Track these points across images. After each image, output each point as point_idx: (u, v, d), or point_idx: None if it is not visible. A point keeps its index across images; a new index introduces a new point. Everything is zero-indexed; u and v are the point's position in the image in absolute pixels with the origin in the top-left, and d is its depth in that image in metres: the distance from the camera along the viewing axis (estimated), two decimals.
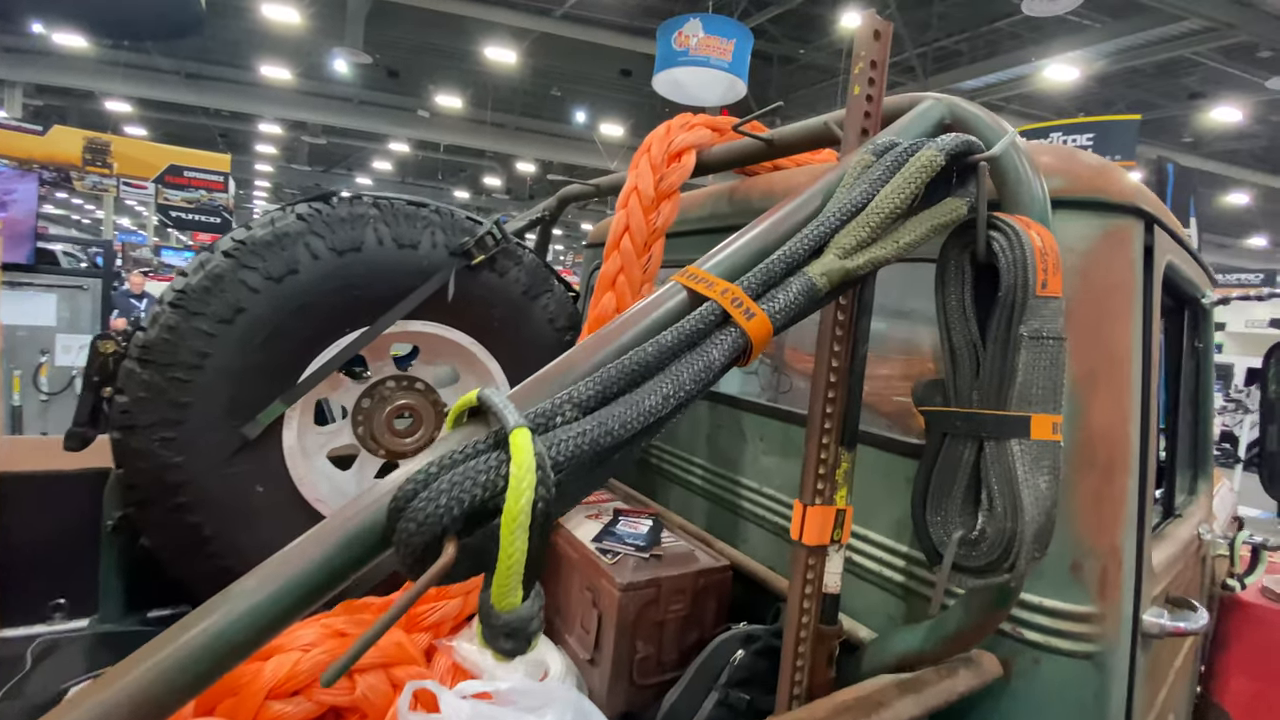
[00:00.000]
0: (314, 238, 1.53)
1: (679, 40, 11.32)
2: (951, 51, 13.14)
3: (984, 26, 12.24)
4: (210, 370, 1.44)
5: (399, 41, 15.12)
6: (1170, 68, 12.50)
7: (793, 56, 14.67)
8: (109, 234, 16.02)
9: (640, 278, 1.55)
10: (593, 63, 15.61)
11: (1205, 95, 13.39)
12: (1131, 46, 10.78)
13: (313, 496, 1.63)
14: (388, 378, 1.85)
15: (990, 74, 12.30)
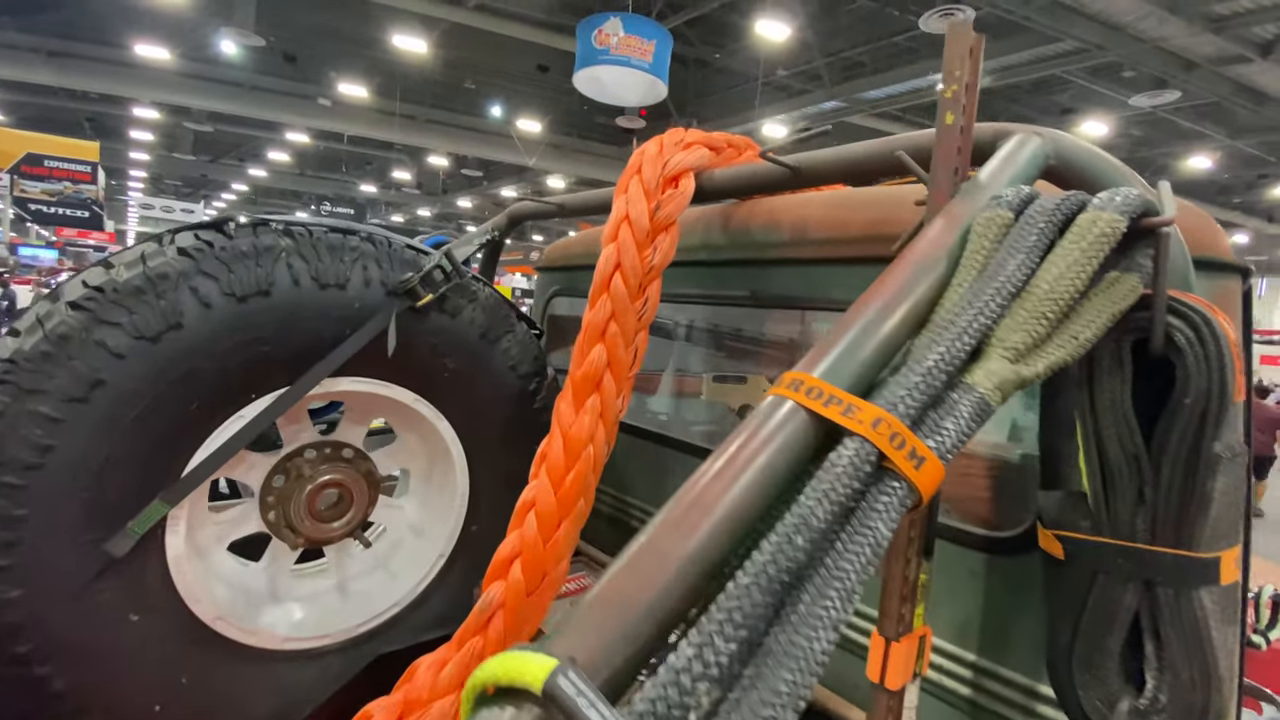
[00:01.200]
0: (204, 279, 1.16)
1: (599, 38, 11.13)
2: (855, 62, 13.68)
3: (884, 40, 12.83)
4: (56, 468, 1.04)
5: (296, 23, 13.91)
6: (1044, 85, 13.62)
7: (707, 60, 14.80)
8: None
9: (635, 326, 1.28)
10: (508, 56, 15.06)
11: (1075, 111, 14.69)
12: (1014, 65, 11.62)
13: (211, 616, 1.25)
14: (305, 446, 1.48)
15: (890, 85, 12.91)
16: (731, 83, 15.66)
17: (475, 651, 1.17)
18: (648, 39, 11.32)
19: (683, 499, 0.51)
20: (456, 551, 1.60)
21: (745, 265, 1.42)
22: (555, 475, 1.23)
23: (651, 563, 0.47)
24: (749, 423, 0.56)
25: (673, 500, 0.52)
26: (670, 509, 0.51)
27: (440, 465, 1.64)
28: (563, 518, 1.23)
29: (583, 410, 1.25)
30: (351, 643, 1.44)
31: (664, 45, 11.40)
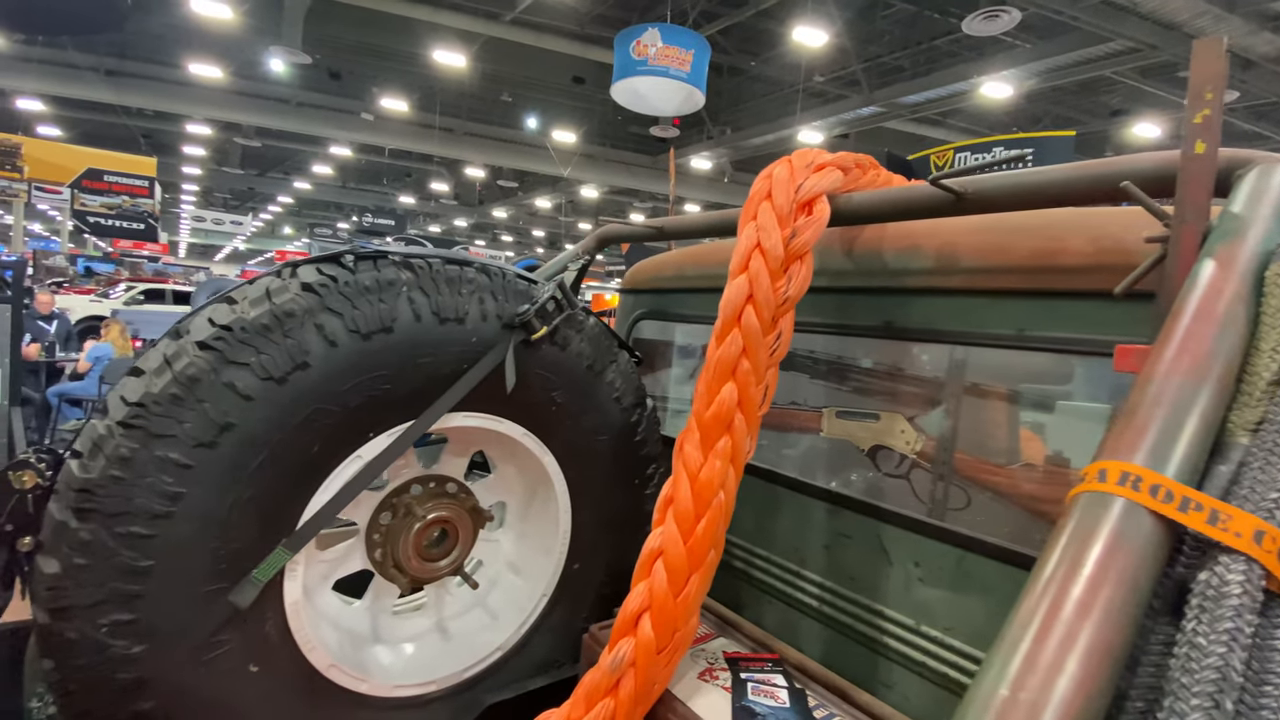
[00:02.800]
0: (329, 316, 1.11)
1: (637, 49, 11.15)
2: (894, 67, 13.42)
3: (924, 43, 12.55)
4: (184, 516, 1.00)
5: (340, 41, 14.30)
6: (1092, 86, 13.14)
7: (742, 68, 14.71)
8: (18, 244, 14.50)
9: (766, 362, 1.20)
10: (544, 69, 15.23)
11: (1126, 112, 14.15)
12: (1060, 66, 11.24)
13: (325, 664, 1.20)
14: (412, 481, 1.43)
15: (930, 89, 12.61)
16: (766, 90, 15.55)
17: (607, 713, 1.09)
18: (686, 48, 11.31)
19: (1024, 626, 0.42)
20: (559, 591, 1.53)
21: (877, 294, 1.32)
22: (684, 524, 1.15)
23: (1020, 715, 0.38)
24: (1074, 528, 0.46)
25: (1011, 628, 0.42)
26: (1012, 640, 0.42)
27: (539, 500, 1.58)
28: (693, 570, 1.14)
29: (713, 454, 1.16)
30: (456, 689, 1.38)
31: (702, 54, 11.36)
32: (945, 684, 1.20)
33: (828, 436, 1.52)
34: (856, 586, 1.37)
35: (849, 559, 1.38)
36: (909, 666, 1.27)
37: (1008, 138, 13.02)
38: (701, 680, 1.22)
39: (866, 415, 1.42)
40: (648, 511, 1.64)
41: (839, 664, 1.36)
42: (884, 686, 1.30)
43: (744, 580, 1.63)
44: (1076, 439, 1.19)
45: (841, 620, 1.39)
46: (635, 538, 1.63)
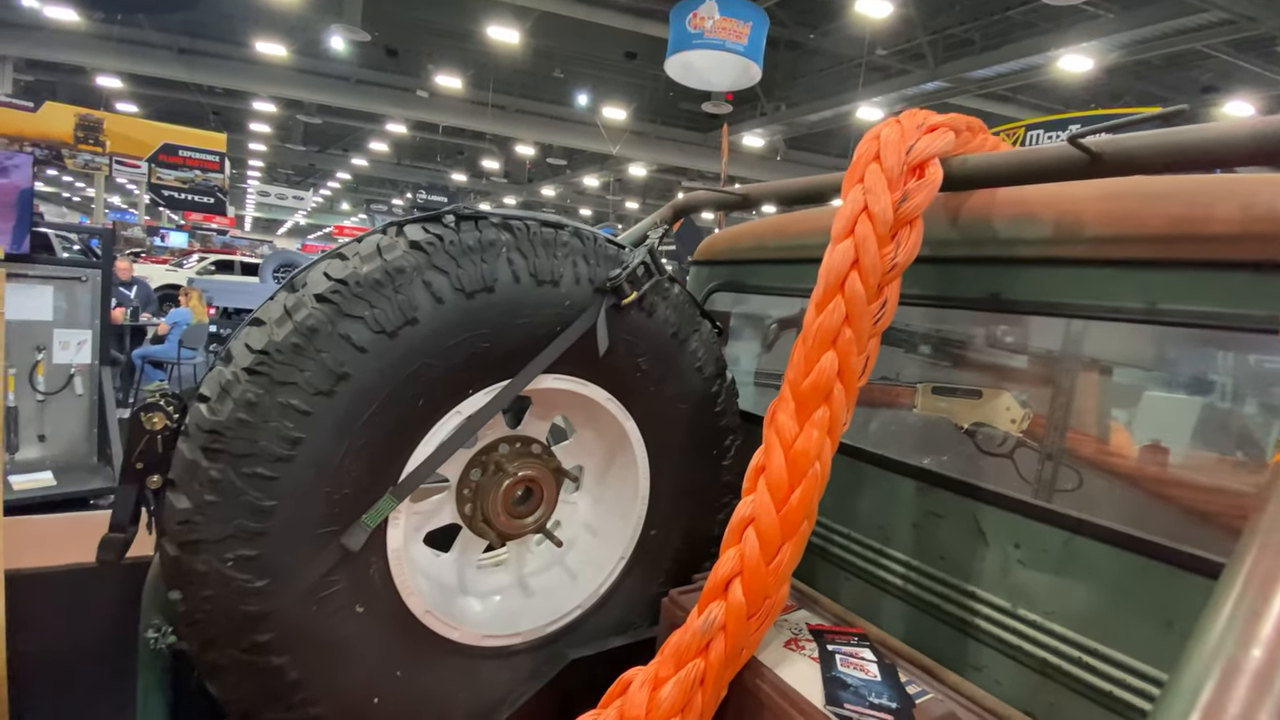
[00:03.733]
0: (436, 274, 1.13)
1: (694, 22, 10.90)
2: (963, 40, 12.71)
3: (997, 14, 11.82)
4: (303, 461, 1.05)
5: (398, 19, 14.49)
6: (1180, 60, 12.13)
7: (800, 42, 14.21)
8: (100, 214, 15.39)
9: (869, 331, 1.16)
10: (597, 44, 15.09)
11: (1217, 89, 13.04)
12: (1146, 38, 10.41)
13: (421, 610, 1.25)
14: (499, 441, 1.45)
15: (1002, 63, 11.88)
16: (824, 64, 15.01)
17: (697, 675, 1.10)
18: (744, 20, 10.98)
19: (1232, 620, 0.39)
20: (636, 555, 1.54)
21: (984, 264, 1.26)
22: (777, 493, 1.13)
23: None
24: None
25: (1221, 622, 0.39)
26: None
27: (618, 465, 1.59)
28: (786, 539, 1.13)
29: (809, 424, 1.14)
30: (540, 643, 1.42)
31: (760, 27, 11.02)
32: (1042, 669, 1.16)
33: (921, 413, 1.47)
34: (946, 566, 1.33)
35: (940, 538, 1.34)
36: (1002, 649, 1.23)
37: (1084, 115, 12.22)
38: (788, 649, 1.22)
39: (967, 391, 1.37)
40: (725, 483, 1.64)
41: (923, 643, 1.34)
42: (972, 668, 1.27)
43: (819, 556, 1.61)
44: (1202, 419, 1.12)
45: (927, 600, 1.36)
46: (712, 508, 1.63)
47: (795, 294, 1.72)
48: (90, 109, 13.81)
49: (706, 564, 1.63)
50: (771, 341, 2.04)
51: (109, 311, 6.12)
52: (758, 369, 2.23)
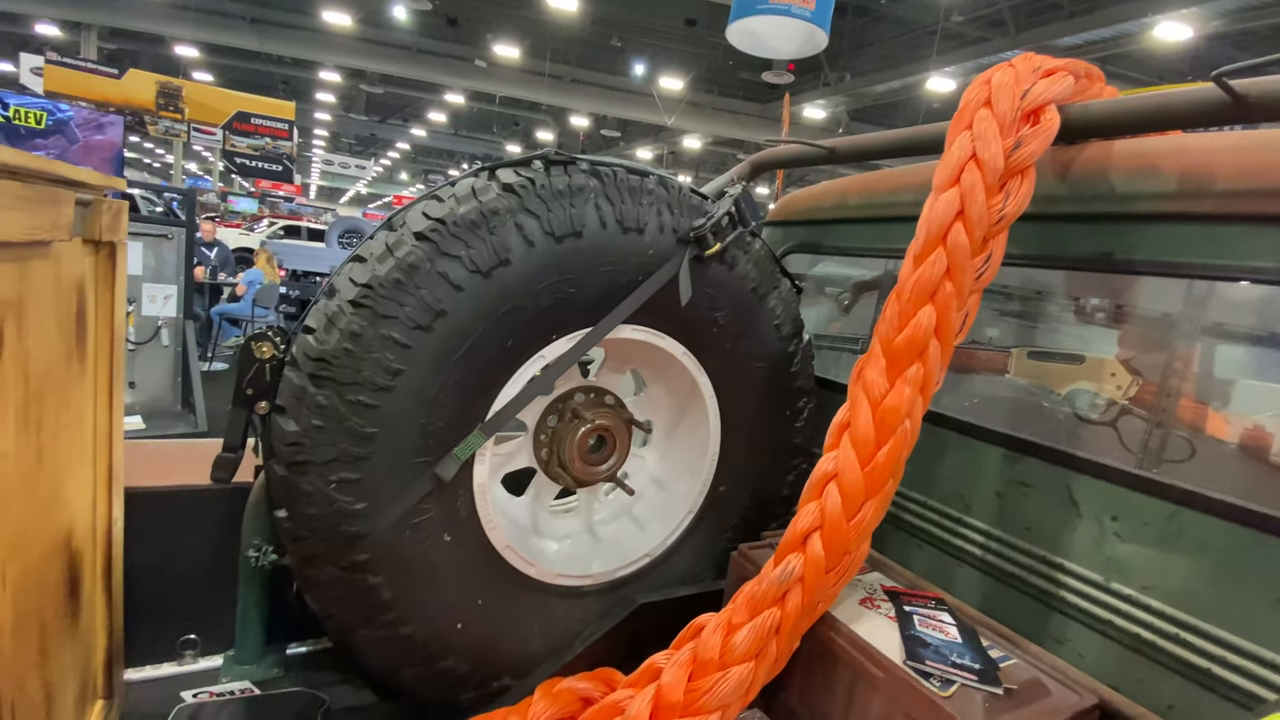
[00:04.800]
0: (527, 217, 1.15)
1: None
2: (1048, 4, 11.81)
3: None
4: (401, 392, 1.09)
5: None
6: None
7: (869, 7, 13.50)
8: (179, 179, 16.25)
9: (970, 286, 1.12)
10: (656, 10, 14.76)
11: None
12: (1254, 5, 9.39)
13: (502, 544, 1.29)
14: (575, 390, 1.48)
15: (1091, 30, 10.98)
16: (894, 32, 14.26)
17: (772, 624, 1.10)
18: None
19: None
20: (704, 510, 1.56)
21: (1097, 221, 1.19)
22: (863, 450, 1.11)
23: None
24: None
25: None
26: None
27: (689, 420, 1.60)
28: (869, 496, 1.11)
29: (901, 380, 1.11)
30: (609, 586, 1.45)
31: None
32: (1134, 644, 1.12)
33: (1014, 378, 1.41)
34: (1032, 537, 1.29)
35: (1026, 508, 1.30)
36: (1088, 623, 1.19)
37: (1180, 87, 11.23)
38: (863, 607, 1.21)
39: (1069, 356, 1.30)
40: (796, 445, 1.63)
41: (1001, 614, 1.31)
42: (1054, 641, 1.24)
43: (891, 523, 1.58)
44: None
45: (1008, 570, 1.32)
46: (781, 469, 1.63)
47: (880, 254, 1.66)
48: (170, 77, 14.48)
49: (774, 524, 1.63)
50: (848, 305, 1.99)
51: (192, 269, 6.49)
52: (825, 334, 2.19)
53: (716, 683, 1.07)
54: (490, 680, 1.30)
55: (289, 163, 18.61)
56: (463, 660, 1.25)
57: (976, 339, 1.50)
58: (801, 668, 1.21)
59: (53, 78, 12.01)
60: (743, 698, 1.09)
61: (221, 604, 1.47)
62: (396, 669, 1.22)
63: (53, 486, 0.99)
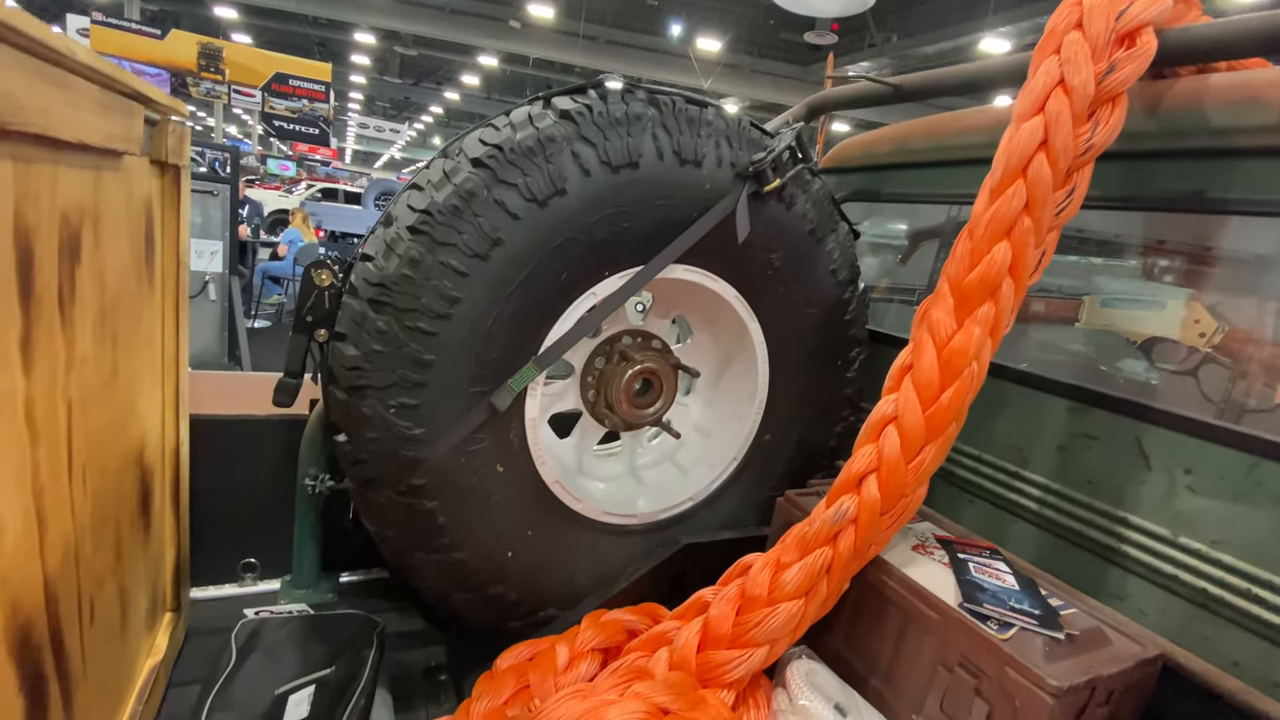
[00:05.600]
0: (584, 145, 1.12)
1: None
2: None
3: None
4: (459, 320, 1.09)
5: None
6: None
7: None
8: (219, 141, 16.51)
9: (1050, 222, 1.06)
10: None
11: None
12: None
13: (551, 479, 1.30)
14: (623, 333, 1.47)
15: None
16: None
17: (824, 563, 1.09)
18: None
19: None
20: (749, 458, 1.54)
21: (1188, 157, 1.11)
22: (926, 392, 1.08)
23: None
24: None
25: None
26: None
27: (736, 368, 1.57)
28: (930, 439, 1.08)
29: (970, 320, 1.07)
30: (653, 527, 1.46)
31: None
32: (1201, 599, 1.08)
33: (1085, 327, 1.35)
34: (1094, 491, 1.25)
35: (1090, 462, 1.25)
36: (1152, 578, 1.16)
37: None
38: (915, 552, 1.19)
39: (1147, 302, 1.24)
40: (846, 396, 1.60)
41: (1057, 570, 1.27)
42: (1113, 597, 1.20)
43: (940, 477, 1.55)
44: None
45: (1066, 525, 1.29)
46: (830, 419, 1.60)
47: (944, 200, 1.60)
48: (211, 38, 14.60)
49: (820, 474, 1.61)
50: (904, 256, 1.93)
51: (237, 225, 6.63)
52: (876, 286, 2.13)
53: (766, 617, 1.07)
54: (537, 610, 1.32)
55: (325, 125, 18.76)
56: (512, 588, 1.27)
57: (1045, 286, 1.44)
58: (849, 611, 1.20)
59: (98, 38, 12.21)
60: (791, 633, 1.09)
61: (280, 531, 1.52)
62: (449, 593, 1.25)
63: (127, 401, 1.03)
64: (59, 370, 0.77)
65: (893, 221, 2.00)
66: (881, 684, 1.12)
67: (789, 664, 1.10)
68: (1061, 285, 1.40)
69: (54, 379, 0.75)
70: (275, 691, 1.15)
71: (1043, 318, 1.45)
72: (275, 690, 1.15)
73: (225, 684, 1.17)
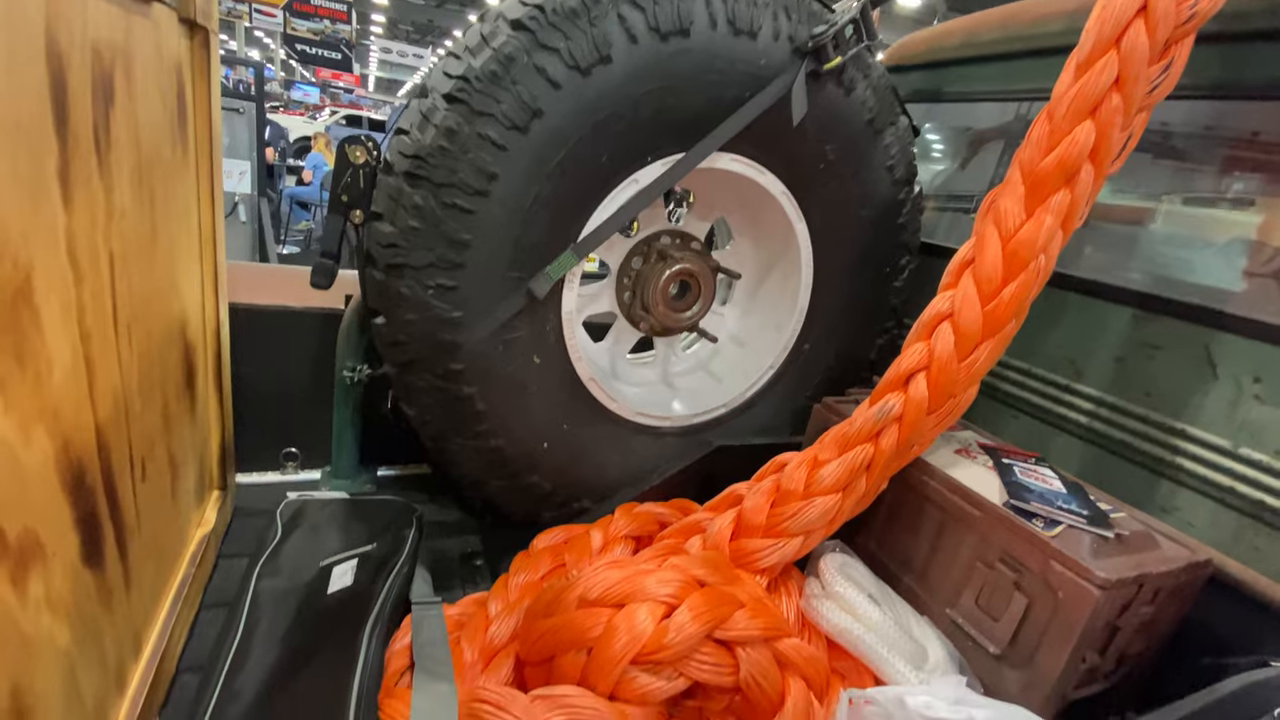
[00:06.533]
0: (631, 9, 1.04)
1: None
2: None
3: None
4: (496, 199, 1.05)
5: None
6: None
7: None
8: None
9: (1141, 101, 0.96)
10: None
11: None
12: None
13: (586, 375, 1.29)
14: (661, 233, 1.41)
15: None
16: None
17: (864, 459, 1.07)
18: None
19: None
20: (785, 366, 1.51)
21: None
22: (986, 286, 1.02)
23: None
24: None
25: None
26: None
27: (777, 275, 1.52)
28: (986, 337, 1.03)
29: (1042, 209, 0.99)
30: (685, 430, 1.45)
31: None
32: (1255, 511, 1.04)
33: (1160, 228, 1.26)
34: (1152, 403, 1.19)
35: (1150, 371, 1.19)
36: (1203, 490, 1.11)
37: None
38: (959, 456, 1.16)
39: (1236, 201, 1.14)
40: (891, 306, 1.53)
41: (1101, 483, 1.24)
42: (1160, 509, 1.17)
43: (982, 393, 1.50)
44: None
45: (1115, 438, 1.24)
46: (871, 330, 1.55)
47: (1014, 97, 1.48)
48: None
49: (857, 386, 1.58)
50: (965, 160, 1.82)
51: (264, 145, 6.57)
52: None
53: (801, 509, 1.06)
54: (570, 501, 1.34)
55: (348, 50, 18.29)
56: (546, 478, 1.28)
57: (1119, 185, 1.34)
58: (884, 511, 1.19)
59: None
60: (826, 527, 1.08)
61: (320, 425, 1.55)
62: (486, 480, 1.27)
63: (167, 271, 1.02)
64: (99, 214, 0.75)
65: (952, 123, 1.87)
66: (915, 581, 1.12)
67: (822, 556, 1.10)
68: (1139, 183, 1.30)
69: (94, 222, 0.74)
70: (320, 563, 1.19)
71: (1112, 218, 1.35)
72: (320, 562, 1.19)
73: (272, 555, 1.22)
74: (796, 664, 0.85)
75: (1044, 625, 0.91)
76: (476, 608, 1.04)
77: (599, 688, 0.78)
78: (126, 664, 0.88)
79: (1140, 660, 0.99)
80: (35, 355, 0.62)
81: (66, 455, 0.70)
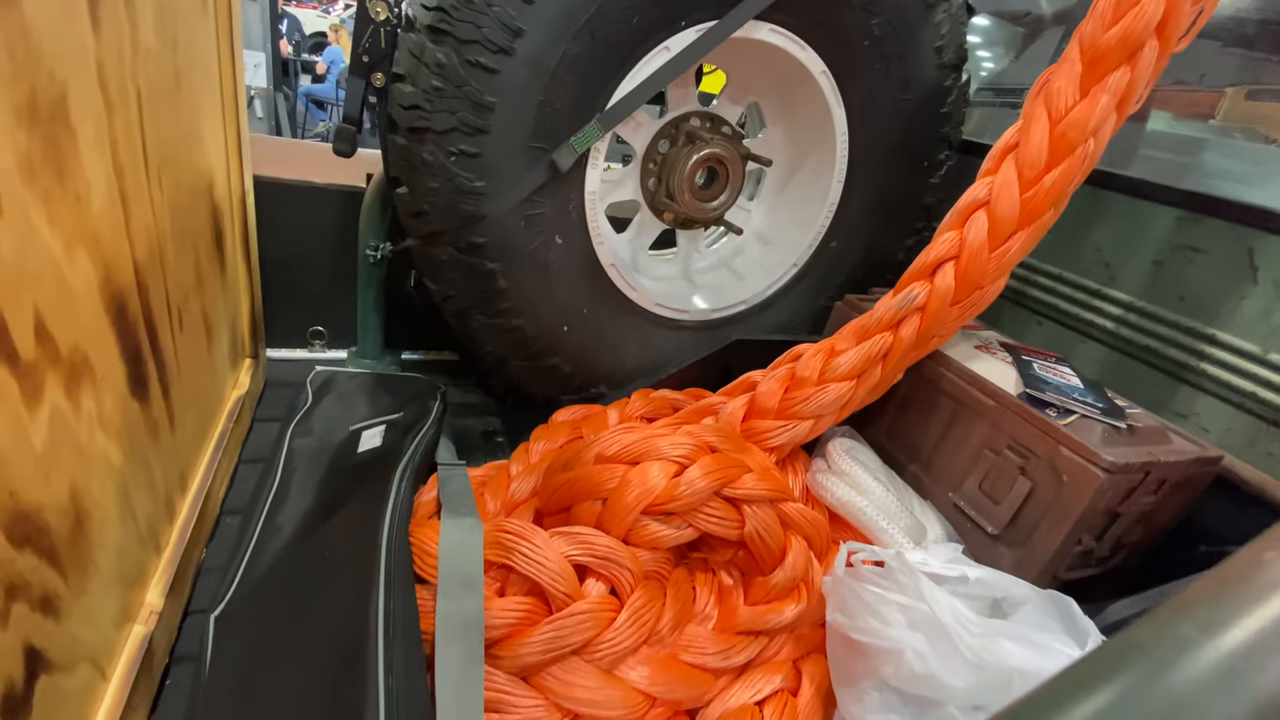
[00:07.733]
0: None
1: None
2: None
3: None
4: (521, 59, 1.01)
5: None
6: None
7: None
8: None
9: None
10: None
11: None
12: None
13: (607, 261, 1.29)
14: (691, 114, 1.36)
15: None
16: None
17: (882, 348, 1.07)
18: None
19: None
20: (810, 264, 1.49)
21: None
22: (1028, 171, 0.98)
23: None
24: None
25: None
26: None
27: (808, 169, 1.47)
28: (1022, 226, 1.00)
29: (1099, 88, 0.93)
30: (704, 325, 1.46)
31: None
32: (1275, 417, 1.04)
33: (1221, 123, 1.19)
34: (1184, 307, 1.17)
35: (1187, 276, 1.16)
36: (1224, 395, 1.11)
37: None
38: (978, 351, 1.16)
39: None
40: (925, 205, 1.49)
41: (1119, 387, 1.24)
42: (1178, 415, 1.17)
43: (1007, 299, 1.48)
44: None
45: (1140, 344, 1.23)
46: (903, 230, 1.51)
47: None
48: None
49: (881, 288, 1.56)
50: (1021, 47, 1.70)
51: (278, 34, 6.32)
52: None
53: (814, 394, 1.08)
54: (589, 385, 1.37)
55: None
56: (566, 361, 1.31)
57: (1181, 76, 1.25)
58: (896, 403, 1.20)
59: None
60: (837, 412, 1.10)
61: (344, 303, 1.58)
62: (507, 359, 1.30)
63: (191, 121, 1.01)
64: (125, 46, 0.74)
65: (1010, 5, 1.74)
66: (921, 469, 1.15)
67: (830, 439, 1.12)
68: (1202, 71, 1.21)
69: (121, 54, 0.73)
70: (350, 427, 1.25)
71: (1174, 111, 1.28)
72: (350, 426, 1.25)
73: (304, 418, 1.28)
74: (799, 524, 0.90)
75: (1045, 508, 0.94)
76: (498, 470, 1.10)
77: (613, 532, 0.83)
78: (174, 496, 0.95)
79: (1136, 550, 1.02)
80: (74, 177, 0.63)
81: (109, 284, 0.72)
